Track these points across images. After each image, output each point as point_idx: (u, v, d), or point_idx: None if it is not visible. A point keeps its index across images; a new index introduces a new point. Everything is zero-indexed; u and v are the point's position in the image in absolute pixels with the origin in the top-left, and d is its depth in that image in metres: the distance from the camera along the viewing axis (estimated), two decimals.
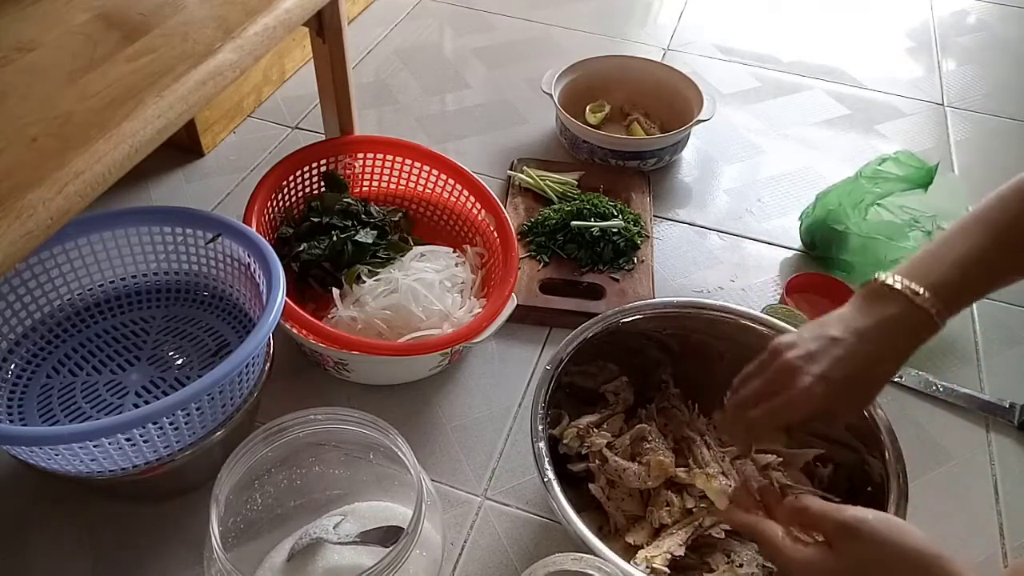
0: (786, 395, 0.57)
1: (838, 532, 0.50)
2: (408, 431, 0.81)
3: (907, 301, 0.56)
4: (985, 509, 0.79)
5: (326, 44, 0.93)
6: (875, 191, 0.95)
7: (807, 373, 0.57)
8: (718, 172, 1.18)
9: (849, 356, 0.57)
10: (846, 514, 0.50)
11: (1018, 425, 0.85)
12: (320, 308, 0.88)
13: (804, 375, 0.57)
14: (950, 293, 0.56)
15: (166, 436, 0.63)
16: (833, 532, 0.50)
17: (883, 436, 0.67)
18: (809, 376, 0.56)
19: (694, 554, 0.67)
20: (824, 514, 0.52)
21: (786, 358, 0.58)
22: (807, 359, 0.57)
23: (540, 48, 1.42)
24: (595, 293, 0.95)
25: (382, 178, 1.01)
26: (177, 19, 0.70)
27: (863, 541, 0.48)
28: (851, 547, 0.49)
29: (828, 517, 0.51)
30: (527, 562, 0.60)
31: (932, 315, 0.56)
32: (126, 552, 0.71)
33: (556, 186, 1.07)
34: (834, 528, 0.50)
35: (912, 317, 0.56)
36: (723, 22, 1.52)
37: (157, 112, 0.61)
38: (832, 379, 0.56)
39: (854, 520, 0.49)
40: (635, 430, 0.73)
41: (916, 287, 0.56)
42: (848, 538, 0.49)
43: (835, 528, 0.50)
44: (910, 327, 0.56)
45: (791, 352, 0.58)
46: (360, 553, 0.65)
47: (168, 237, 0.80)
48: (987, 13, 1.62)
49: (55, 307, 0.78)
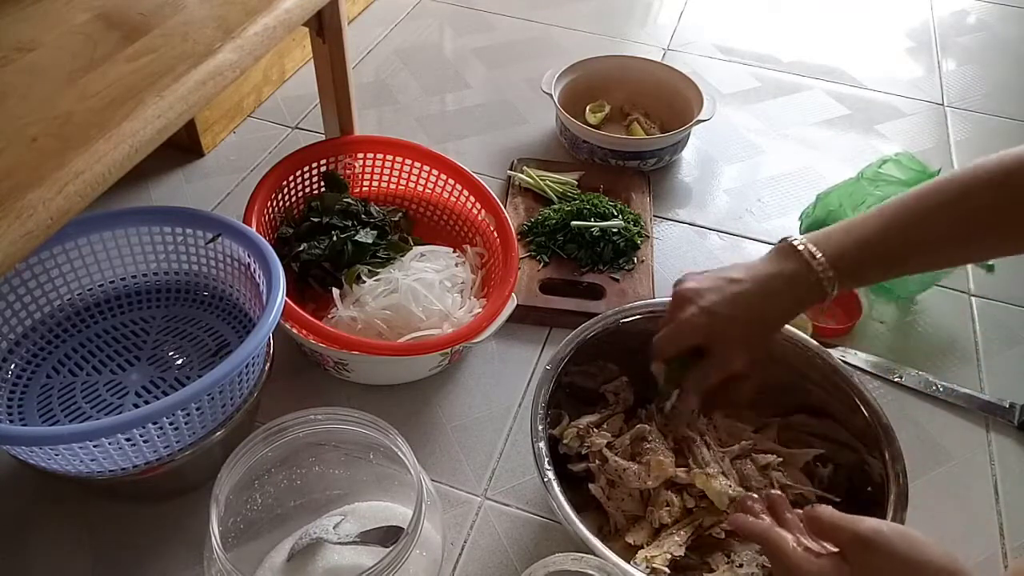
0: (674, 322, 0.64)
1: (853, 544, 0.49)
2: (408, 431, 0.81)
3: (804, 263, 0.61)
4: (985, 509, 0.79)
5: (326, 44, 0.93)
6: (876, 193, 0.95)
7: (694, 304, 0.63)
8: (718, 172, 1.18)
9: (735, 296, 0.62)
10: (862, 526, 0.49)
11: (1018, 425, 0.85)
12: (320, 308, 0.88)
13: (691, 306, 0.63)
14: (845, 266, 0.60)
15: (166, 436, 0.63)
16: (848, 543, 0.50)
17: (883, 436, 0.67)
18: (695, 307, 0.63)
19: (694, 554, 0.67)
20: (838, 524, 0.51)
21: (680, 289, 0.65)
22: (697, 292, 0.64)
23: (540, 48, 1.42)
24: (595, 293, 0.95)
25: (382, 178, 1.01)
26: (177, 19, 0.70)
27: (879, 554, 0.48)
28: (867, 559, 0.48)
29: (843, 528, 0.50)
30: (527, 562, 0.60)
31: (822, 281, 0.60)
32: (126, 552, 0.71)
33: (556, 186, 1.07)
34: (849, 539, 0.49)
35: (804, 278, 0.60)
36: (723, 22, 1.52)
37: (157, 112, 0.61)
38: (715, 313, 0.62)
39: (871, 532, 0.49)
40: (635, 430, 0.73)
41: (815, 251, 0.61)
42: (863, 550, 0.48)
43: (850, 539, 0.49)
44: (799, 286, 0.61)
45: (686, 284, 0.65)
46: (360, 553, 0.65)
47: (168, 237, 0.80)
48: (987, 13, 1.62)
49: (55, 307, 0.78)
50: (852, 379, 0.71)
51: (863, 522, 0.50)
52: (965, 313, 0.99)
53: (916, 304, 0.99)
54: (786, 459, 0.73)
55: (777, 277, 0.62)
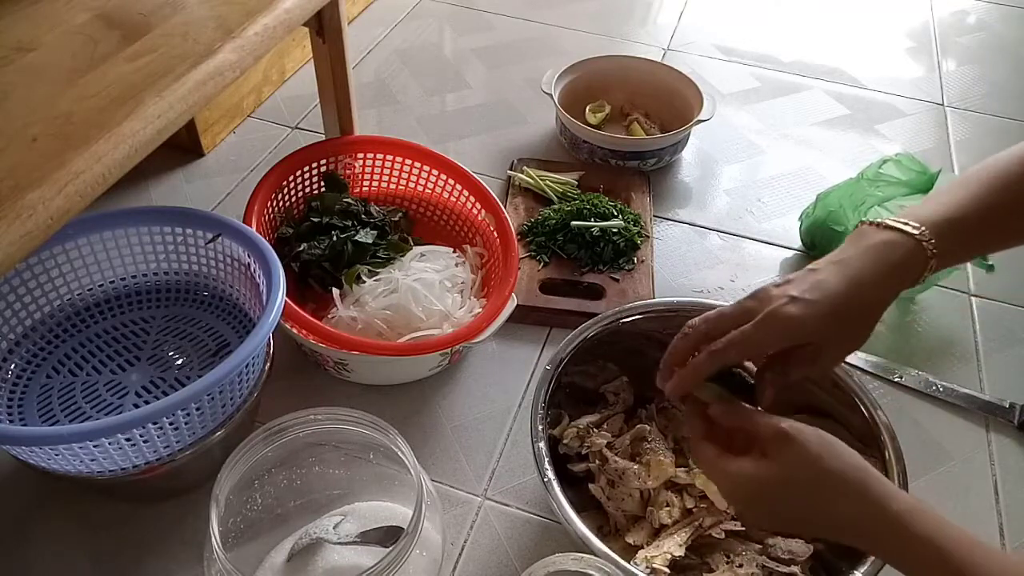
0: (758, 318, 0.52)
1: (774, 438, 0.50)
2: (408, 431, 0.81)
3: (898, 231, 0.53)
4: (985, 509, 0.79)
5: (326, 44, 0.93)
6: (877, 194, 0.95)
7: (782, 295, 0.52)
8: (718, 172, 1.18)
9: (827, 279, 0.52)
10: (784, 422, 0.50)
11: (1018, 425, 0.85)
12: (320, 308, 0.88)
13: (778, 298, 0.52)
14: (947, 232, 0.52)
15: (166, 436, 0.63)
16: (770, 438, 0.50)
17: (883, 436, 0.67)
18: (784, 297, 0.52)
19: (694, 554, 0.67)
20: (760, 419, 0.51)
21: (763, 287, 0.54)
22: (784, 284, 0.53)
23: (540, 48, 1.42)
24: (595, 293, 0.95)
25: (382, 178, 1.01)
26: (177, 19, 0.70)
27: (797, 448, 0.48)
28: (785, 454, 0.49)
29: (765, 423, 0.51)
30: (527, 562, 0.60)
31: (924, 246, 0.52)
32: (126, 552, 0.71)
33: (556, 186, 1.07)
34: (771, 433, 0.50)
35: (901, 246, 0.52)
36: (723, 22, 1.52)
37: (157, 112, 0.61)
38: (809, 300, 0.51)
39: (791, 428, 0.49)
40: (635, 430, 0.73)
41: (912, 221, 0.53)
42: (783, 444, 0.49)
43: (772, 433, 0.50)
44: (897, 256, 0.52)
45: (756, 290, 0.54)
46: (360, 553, 0.65)
47: (168, 237, 0.80)
48: (987, 13, 1.62)
49: (55, 307, 0.78)
50: (852, 379, 0.71)
51: (784, 419, 0.50)
52: (965, 313, 0.99)
53: (916, 304, 0.99)
54: None
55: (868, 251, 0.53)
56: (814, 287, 0.52)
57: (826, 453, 0.48)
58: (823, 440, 0.49)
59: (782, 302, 0.52)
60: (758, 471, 0.50)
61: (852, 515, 0.47)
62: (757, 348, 0.54)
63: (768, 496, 0.50)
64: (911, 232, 0.52)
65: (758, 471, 0.50)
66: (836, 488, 0.48)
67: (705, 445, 0.53)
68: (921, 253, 0.52)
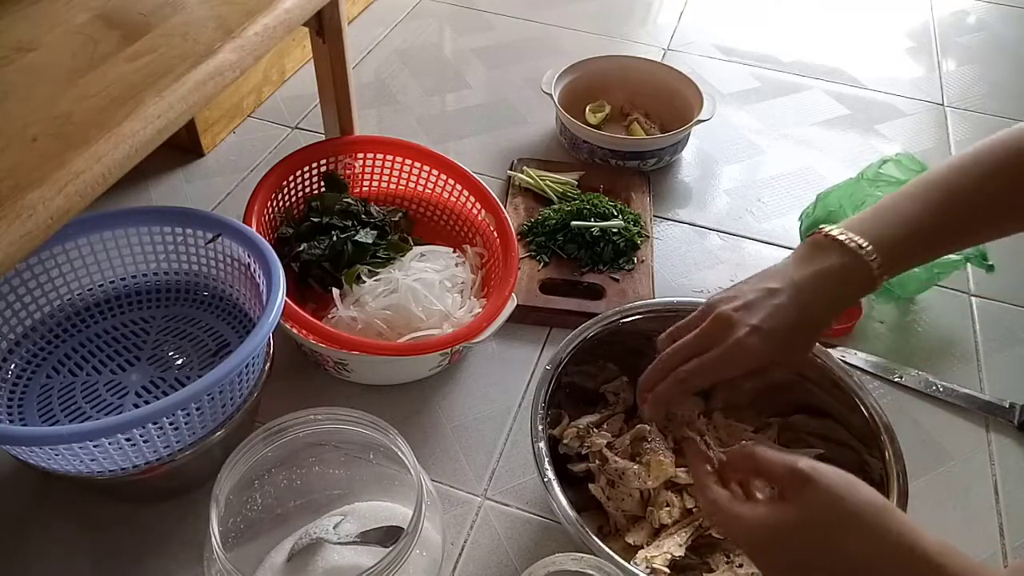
0: (721, 347, 0.55)
1: (790, 479, 0.47)
2: (408, 431, 0.81)
3: (850, 253, 0.56)
4: (985, 509, 0.79)
5: (326, 44, 0.93)
6: (876, 194, 0.95)
7: (743, 324, 0.55)
8: (718, 172, 1.18)
9: (785, 306, 0.55)
10: (800, 462, 0.47)
11: (1018, 425, 0.85)
12: (320, 308, 0.88)
13: (740, 326, 0.55)
14: (893, 250, 0.56)
15: (166, 436, 0.63)
16: (785, 479, 0.48)
17: (883, 436, 0.67)
18: (745, 327, 0.55)
19: (694, 554, 0.67)
20: (775, 461, 0.49)
21: (721, 311, 0.56)
22: (743, 309, 0.56)
23: (540, 48, 1.42)
24: (595, 293, 0.95)
25: (382, 178, 1.01)
26: (177, 19, 0.70)
27: (817, 489, 0.46)
28: (804, 494, 0.46)
29: (779, 463, 0.48)
30: (527, 562, 0.60)
31: (872, 269, 0.55)
32: (126, 552, 0.71)
33: (556, 186, 1.07)
34: (788, 473, 0.47)
35: (852, 269, 0.56)
36: (723, 22, 1.52)
37: (157, 112, 0.61)
38: (767, 329, 0.55)
39: (808, 467, 0.47)
40: (635, 430, 0.73)
41: (860, 240, 0.56)
42: (801, 485, 0.46)
43: (789, 474, 0.47)
44: (849, 279, 0.56)
45: (727, 304, 0.57)
46: (360, 553, 0.65)
47: (168, 237, 0.80)
48: (987, 13, 1.62)
49: (55, 307, 0.78)
50: (852, 379, 0.71)
51: (800, 459, 0.48)
52: (965, 313, 0.99)
53: (916, 304, 0.99)
54: None
55: (822, 274, 0.56)
56: (772, 315, 0.55)
57: (847, 493, 0.46)
58: (844, 479, 0.46)
59: (744, 332, 0.55)
60: (777, 515, 0.47)
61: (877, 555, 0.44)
62: (720, 376, 0.56)
63: (789, 542, 0.46)
64: (861, 255, 0.55)
65: (777, 515, 0.47)
66: (861, 529, 0.45)
67: (713, 489, 0.51)
68: (869, 277, 0.56)
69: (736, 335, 0.55)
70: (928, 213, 0.57)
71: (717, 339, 0.56)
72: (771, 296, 0.56)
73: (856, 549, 0.44)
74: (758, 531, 0.47)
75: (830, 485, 0.46)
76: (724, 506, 0.50)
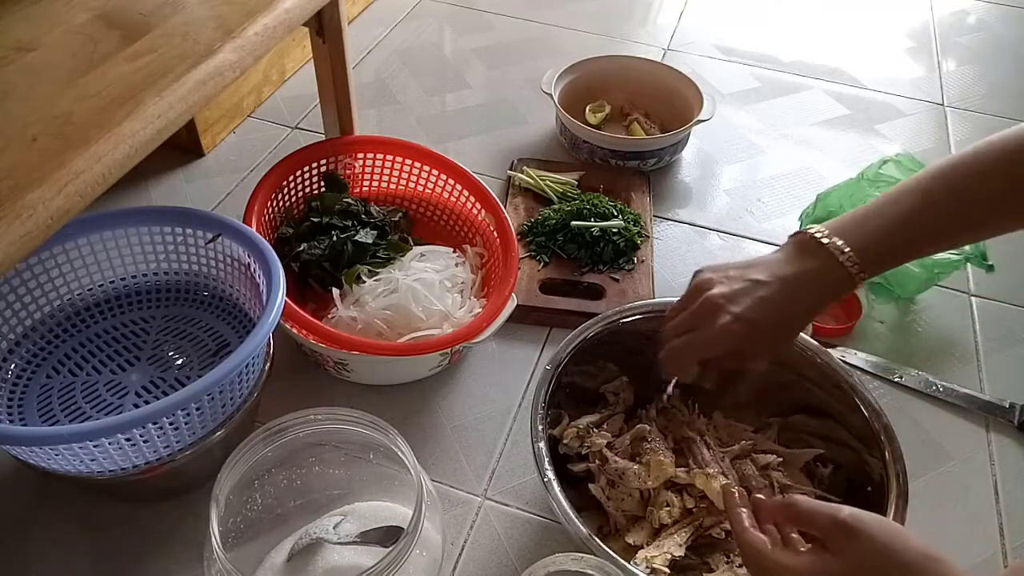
0: (706, 331, 0.60)
1: (834, 530, 0.48)
2: (408, 431, 0.81)
3: (831, 257, 0.59)
4: (985, 509, 0.79)
5: (326, 44, 0.93)
6: (876, 194, 0.95)
7: (727, 312, 0.59)
8: (718, 172, 1.18)
9: (767, 300, 0.59)
10: (842, 512, 0.48)
11: (1018, 425, 0.85)
12: (320, 308, 0.88)
13: (724, 314, 0.59)
14: (873, 255, 0.58)
15: (166, 436, 0.63)
16: (829, 530, 0.48)
17: (883, 436, 0.67)
18: (728, 315, 0.59)
19: (694, 554, 0.67)
20: (817, 511, 0.49)
21: (710, 295, 0.61)
22: (728, 299, 0.60)
23: (540, 48, 1.42)
24: (595, 293, 0.95)
25: (382, 178, 1.01)
26: (177, 19, 0.70)
27: (863, 540, 0.46)
28: (850, 546, 0.46)
29: (822, 514, 0.49)
30: (527, 562, 0.60)
31: (852, 274, 0.58)
32: (126, 552, 0.71)
33: (556, 186, 1.07)
34: (830, 525, 0.48)
35: (833, 273, 0.59)
36: (723, 22, 1.52)
37: (157, 112, 0.61)
38: (749, 320, 0.59)
39: (852, 519, 0.47)
40: (635, 430, 0.73)
41: (842, 245, 0.58)
42: (846, 537, 0.47)
43: (831, 525, 0.48)
44: (829, 282, 0.59)
45: (715, 290, 0.61)
46: (360, 553, 0.65)
47: (168, 237, 0.80)
48: (987, 13, 1.62)
49: (55, 307, 0.78)
50: (852, 379, 0.71)
51: (842, 509, 0.48)
52: (965, 313, 0.99)
53: (916, 304, 0.99)
54: (786, 459, 0.73)
55: (805, 275, 0.59)
56: (755, 307, 0.59)
57: (894, 544, 0.46)
58: (888, 530, 0.47)
59: (728, 319, 0.59)
60: (822, 565, 0.47)
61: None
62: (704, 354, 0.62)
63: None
64: (841, 260, 0.58)
65: (822, 565, 0.47)
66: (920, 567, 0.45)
67: (753, 536, 0.52)
68: (849, 279, 0.59)
69: (721, 321, 0.59)
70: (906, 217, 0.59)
71: (705, 322, 0.60)
72: (756, 288, 0.60)
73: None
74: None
75: (876, 536, 0.46)
76: (766, 553, 0.50)
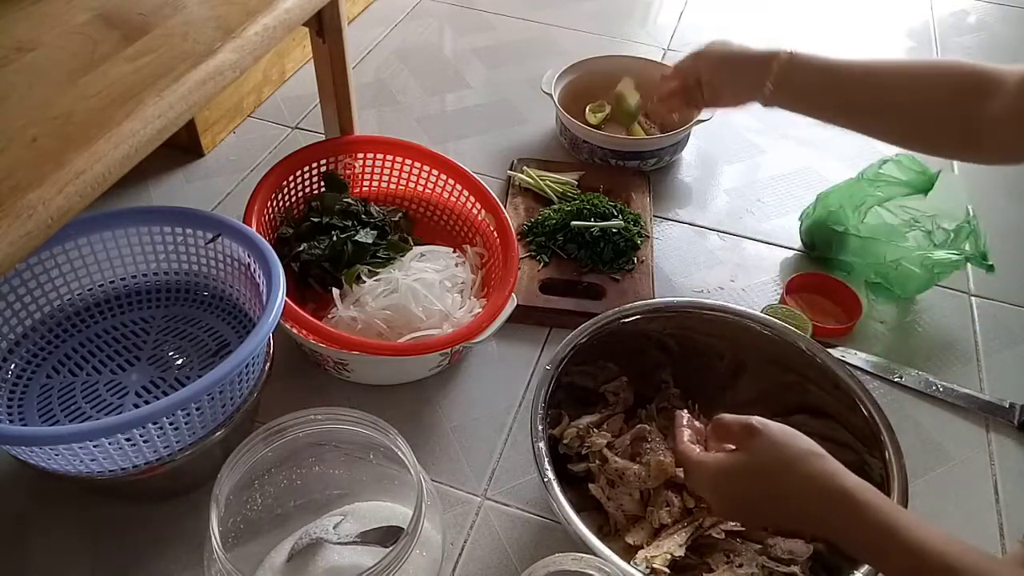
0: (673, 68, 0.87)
1: (742, 432, 0.58)
2: (408, 431, 0.81)
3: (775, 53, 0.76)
4: (985, 509, 0.79)
5: (326, 44, 0.93)
6: (876, 194, 0.95)
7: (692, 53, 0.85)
8: (718, 172, 1.18)
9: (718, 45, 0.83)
10: (753, 420, 0.58)
11: (1018, 425, 0.85)
12: (320, 308, 0.88)
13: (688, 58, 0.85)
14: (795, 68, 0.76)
15: (166, 436, 0.63)
16: (739, 434, 0.58)
17: (883, 436, 0.67)
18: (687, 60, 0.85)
19: (694, 554, 0.67)
20: (733, 420, 0.60)
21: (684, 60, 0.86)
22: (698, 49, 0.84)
23: (540, 48, 1.42)
24: (595, 293, 0.95)
25: (382, 178, 1.01)
26: (177, 19, 0.70)
27: (762, 438, 0.56)
28: (753, 444, 0.57)
29: (737, 422, 0.59)
30: (527, 562, 0.60)
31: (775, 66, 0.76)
32: (126, 552, 0.71)
33: (556, 186, 1.07)
34: (740, 429, 0.58)
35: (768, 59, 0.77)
36: (723, 22, 1.52)
37: (157, 112, 0.61)
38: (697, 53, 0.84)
39: (758, 422, 0.58)
40: (635, 430, 0.73)
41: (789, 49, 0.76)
42: (750, 436, 0.57)
43: (740, 429, 0.58)
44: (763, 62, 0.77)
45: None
46: (360, 553, 0.65)
47: (168, 237, 0.80)
48: (987, 13, 1.62)
49: (55, 307, 0.78)
50: (852, 379, 0.71)
51: (753, 417, 0.59)
52: (965, 313, 0.99)
53: (916, 304, 0.99)
54: None
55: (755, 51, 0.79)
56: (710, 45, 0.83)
57: (787, 441, 0.56)
58: (785, 432, 0.57)
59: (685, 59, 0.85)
60: (730, 460, 0.58)
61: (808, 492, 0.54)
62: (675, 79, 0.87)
63: (738, 481, 0.57)
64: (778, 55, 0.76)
65: (730, 460, 0.58)
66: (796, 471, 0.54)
67: (686, 445, 0.63)
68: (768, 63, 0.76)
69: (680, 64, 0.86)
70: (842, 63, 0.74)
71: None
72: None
73: (789, 487, 0.55)
74: (716, 474, 0.58)
75: (773, 434, 0.57)
76: (691, 456, 0.61)
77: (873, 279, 0.98)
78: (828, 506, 0.53)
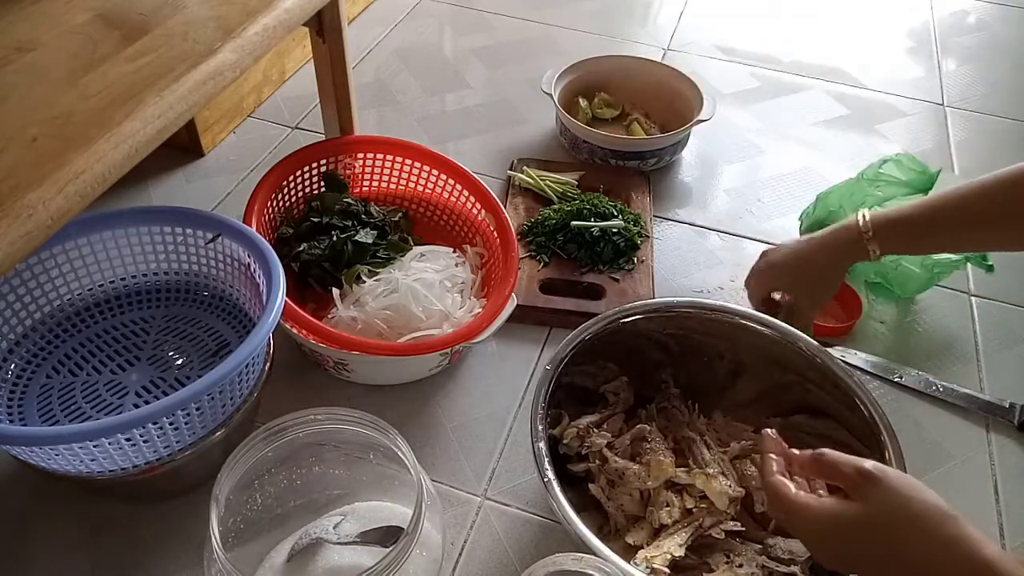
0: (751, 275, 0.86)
1: (857, 478, 0.50)
2: (408, 431, 0.81)
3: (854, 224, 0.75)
4: (985, 509, 0.79)
5: (326, 44, 0.93)
6: (876, 194, 0.95)
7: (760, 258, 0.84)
8: (718, 172, 1.18)
9: (791, 248, 0.82)
10: (867, 463, 0.50)
11: (1018, 425, 0.85)
12: (320, 308, 0.88)
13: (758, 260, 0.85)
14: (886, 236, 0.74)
15: (166, 436, 0.63)
16: (851, 478, 0.50)
17: (883, 436, 0.67)
18: (762, 261, 0.84)
19: (694, 554, 0.67)
20: (843, 461, 0.51)
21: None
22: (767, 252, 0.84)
23: (540, 48, 1.42)
24: (595, 293, 0.95)
25: (382, 178, 1.01)
26: (177, 19, 0.70)
27: (882, 489, 0.48)
28: (870, 494, 0.49)
29: (848, 463, 0.51)
30: (527, 562, 0.60)
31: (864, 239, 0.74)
32: (126, 552, 0.71)
33: (556, 186, 1.07)
34: (853, 473, 0.50)
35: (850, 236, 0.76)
36: (723, 22, 1.52)
37: (157, 112, 0.61)
38: (772, 261, 0.83)
39: (875, 468, 0.49)
40: (635, 430, 0.73)
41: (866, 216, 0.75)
42: (867, 484, 0.49)
43: (854, 473, 0.50)
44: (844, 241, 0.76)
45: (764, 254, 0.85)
46: (360, 553, 0.65)
47: (168, 237, 0.80)
48: (987, 13, 1.62)
49: (55, 307, 0.78)
50: (852, 379, 0.71)
51: (866, 460, 0.50)
52: (965, 313, 0.99)
53: (916, 304, 0.99)
54: None
55: (829, 235, 0.78)
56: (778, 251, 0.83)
57: (914, 495, 0.48)
58: (909, 483, 0.49)
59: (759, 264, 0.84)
60: (842, 509, 0.50)
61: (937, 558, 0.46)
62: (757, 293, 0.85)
63: (852, 534, 0.49)
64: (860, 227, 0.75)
65: (842, 509, 0.50)
66: (925, 531, 0.47)
67: (779, 479, 0.53)
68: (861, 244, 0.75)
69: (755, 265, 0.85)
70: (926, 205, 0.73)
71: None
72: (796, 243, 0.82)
73: (918, 549, 0.47)
74: (823, 521, 0.50)
75: (896, 486, 0.48)
76: (789, 495, 0.52)
77: (873, 279, 0.98)
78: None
